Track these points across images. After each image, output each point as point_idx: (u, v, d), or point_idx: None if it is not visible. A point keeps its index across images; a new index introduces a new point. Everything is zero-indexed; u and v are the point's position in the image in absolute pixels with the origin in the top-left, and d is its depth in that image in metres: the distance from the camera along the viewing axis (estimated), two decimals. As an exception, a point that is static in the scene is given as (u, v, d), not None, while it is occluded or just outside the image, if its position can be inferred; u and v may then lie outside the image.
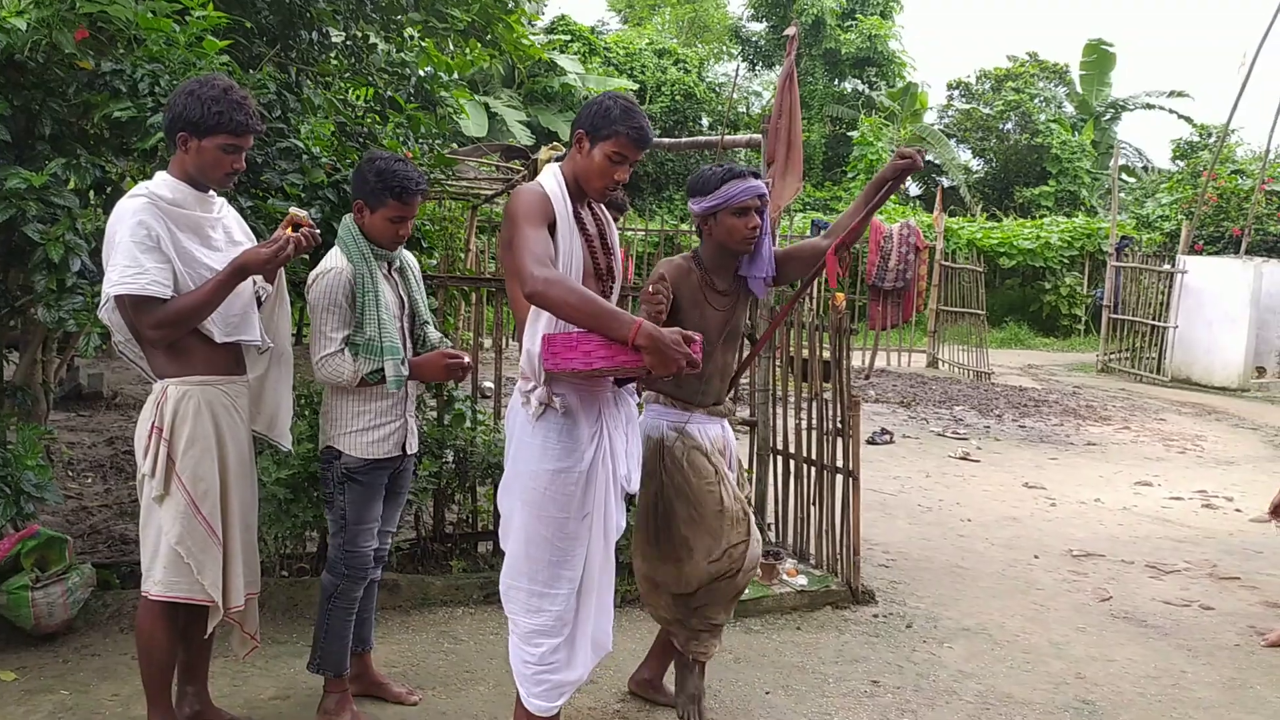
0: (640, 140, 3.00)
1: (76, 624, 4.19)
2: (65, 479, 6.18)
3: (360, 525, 3.49)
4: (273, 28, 5.35)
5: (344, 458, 3.44)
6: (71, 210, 3.73)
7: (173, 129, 3.07)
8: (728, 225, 3.48)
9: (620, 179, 3.04)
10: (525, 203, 2.93)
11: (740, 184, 3.45)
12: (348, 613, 3.54)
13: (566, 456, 3.01)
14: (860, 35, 28.05)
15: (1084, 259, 21.90)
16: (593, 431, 3.05)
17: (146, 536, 3.13)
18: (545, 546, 3.03)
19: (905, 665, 4.40)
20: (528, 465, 3.02)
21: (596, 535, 3.10)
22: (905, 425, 10.70)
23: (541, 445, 3.00)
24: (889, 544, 6.25)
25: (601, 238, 3.16)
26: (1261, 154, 18.03)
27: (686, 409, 3.57)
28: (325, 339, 3.38)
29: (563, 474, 3.00)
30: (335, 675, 3.55)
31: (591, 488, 3.05)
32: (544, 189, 3.00)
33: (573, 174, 3.07)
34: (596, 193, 3.08)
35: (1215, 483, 8.56)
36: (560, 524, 3.03)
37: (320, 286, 3.39)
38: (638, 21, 34.97)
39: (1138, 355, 16.10)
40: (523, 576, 3.07)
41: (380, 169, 3.39)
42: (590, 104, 3.04)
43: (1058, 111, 29.32)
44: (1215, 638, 4.92)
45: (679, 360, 2.69)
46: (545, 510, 3.02)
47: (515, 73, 23.10)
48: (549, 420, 3.00)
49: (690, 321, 3.46)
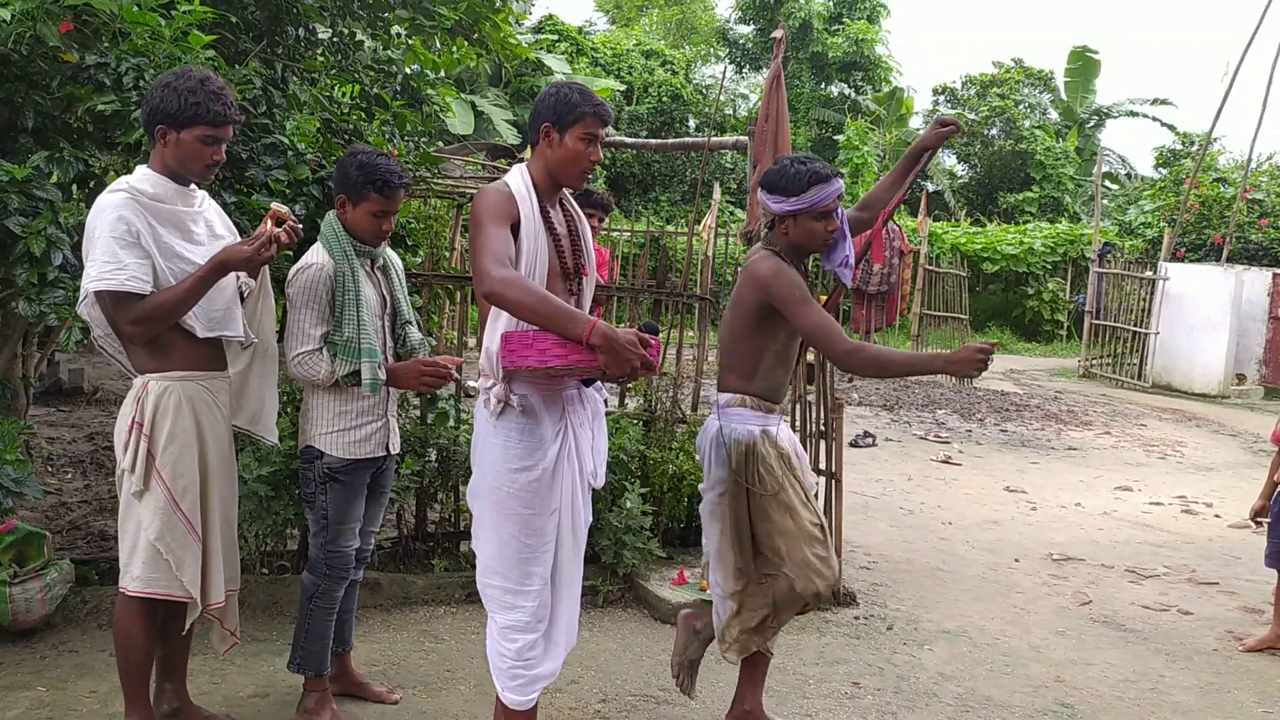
0: (605, 116, 3.01)
1: (54, 620, 4.16)
2: (44, 474, 6.14)
3: (342, 525, 3.48)
4: (259, 23, 5.32)
5: (326, 457, 3.42)
6: (54, 204, 3.70)
7: (151, 122, 3.05)
8: (809, 229, 3.39)
9: (596, 160, 3.04)
10: (488, 202, 2.93)
11: (826, 188, 3.34)
12: (328, 612, 3.53)
13: (529, 456, 2.99)
14: (847, 39, 28.11)
15: (1067, 265, 22.01)
16: (557, 429, 3.04)
17: (125, 532, 3.11)
18: (514, 544, 3.03)
19: (886, 667, 4.42)
20: (492, 466, 3.02)
21: (565, 532, 3.11)
22: (888, 428, 10.74)
23: (503, 445, 3.00)
24: (870, 546, 6.26)
25: (572, 236, 3.15)
26: (1243, 163, 18.17)
27: (770, 410, 3.49)
28: (303, 335, 3.36)
29: (525, 472, 2.99)
30: (315, 675, 3.54)
31: (557, 485, 3.04)
32: (509, 187, 2.99)
33: (544, 170, 3.05)
34: (575, 179, 3.07)
35: (1195, 488, 8.62)
36: (527, 521, 3.02)
37: (300, 282, 3.37)
38: (625, 22, 34.96)
39: (1119, 361, 16.19)
40: (496, 575, 3.07)
41: (362, 162, 3.38)
42: (543, 98, 3.03)
43: (1042, 118, 29.44)
44: (1194, 642, 4.95)
45: (633, 360, 2.70)
46: (512, 509, 3.01)
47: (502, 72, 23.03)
48: (509, 420, 2.99)
49: (788, 323, 3.38)
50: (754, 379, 3.47)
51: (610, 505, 4.88)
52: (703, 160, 7.02)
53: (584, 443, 3.13)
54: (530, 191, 3.00)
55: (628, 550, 4.87)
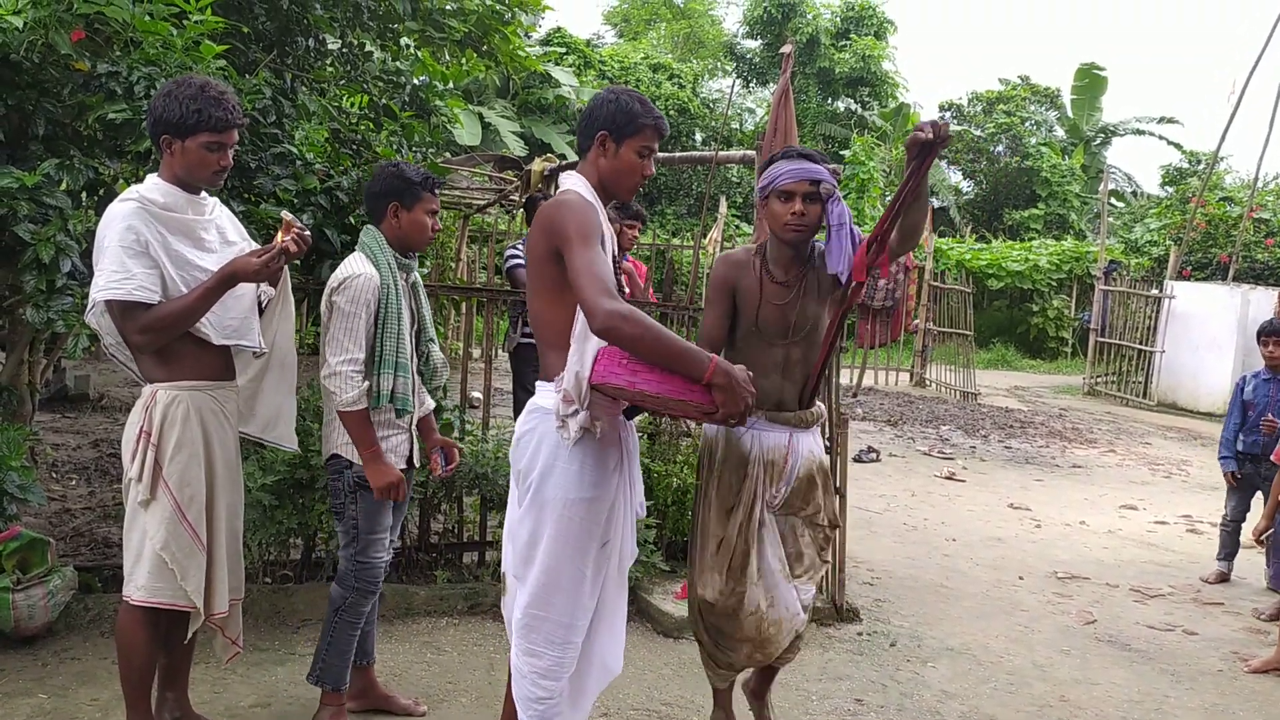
0: (664, 129, 2.89)
1: (57, 627, 4.15)
2: (49, 481, 6.14)
3: (373, 535, 3.47)
4: (269, 34, 5.35)
5: (355, 467, 3.41)
6: (63, 211, 3.71)
7: (155, 133, 3.05)
8: (773, 210, 3.28)
9: (649, 174, 2.92)
10: (581, 219, 2.70)
11: (785, 165, 3.22)
12: (354, 626, 3.50)
13: (601, 484, 2.81)
14: (854, 55, 28.17)
15: (1072, 282, 22.00)
16: (618, 458, 2.88)
17: (130, 540, 3.11)
18: (575, 578, 2.83)
19: (889, 684, 4.40)
20: (562, 493, 2.79)
21: (614, 563, 2.95)
22: (892, 444, 10.72)
23: (577, 471, 2.79)
24: (874, 562, 6.25)
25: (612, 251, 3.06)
26: (1250, 182, 18.17)
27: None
28: (342, 350, 3.32)
29: (595, 502, 2.81)
30: (334, 689, 3.51)
31: (615, 516, 2.88)
32: (586, 198, 2.79)
33: (598, 180, 2.89)
34: (628, 191, 2.93)
35: (1200, 508, 8.59)
36: (585, 553, 2.83)
37: (352, 291, 3.33)
38: (633, 36, 35.05)
39: (1124, 379, 16.16)
40: (551, 608, 2.83)
41: (403, 167, 3.47)
42: (603, 103, 2.86)
43: (1048, 135, 29.49)
44: (1198, 663, 4.93)
45: (747, 399, 2.53)
46: (577, 540, 2.81)
47: (510, 84, 23.11)
48: (585, 446, 2.78)
49: (746, 315, 3.33)
50: None
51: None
52: (709, 174, 7.03)
53: (636, 472, 3.01)
54: (598, 202, 2.85)
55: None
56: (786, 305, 3.36)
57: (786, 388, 3.42)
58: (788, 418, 3.41)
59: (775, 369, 3.39)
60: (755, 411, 3.28)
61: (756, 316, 3.34)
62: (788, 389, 3.43)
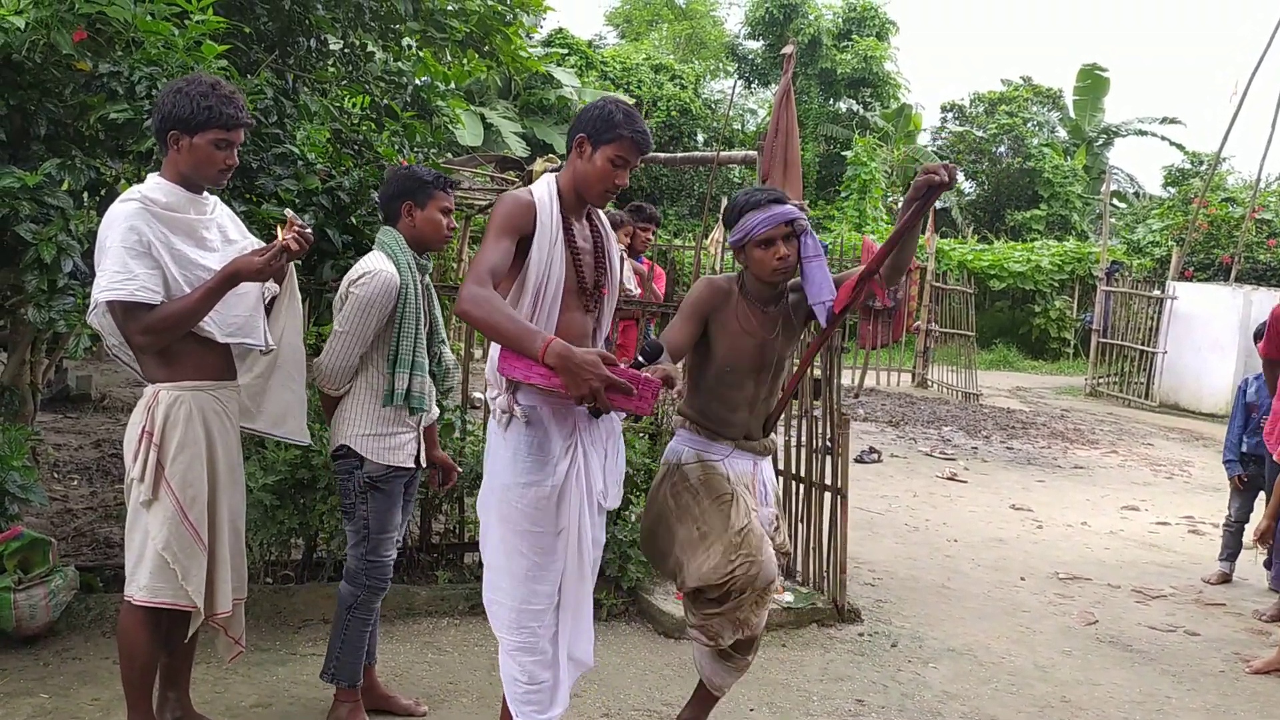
0: (643, 144, 2.93)
1: (58, 627, 4.15)
2: (51, 481, 6.15)
3: (383, 534, 3.49)
4: (271, 34, 5.36)
5: (366, 465, 3.42)
6: (65, 211, 3.72)
7: (163, 129, 3.05)
8: (755, 258, 3.30)
9: (620, 184, 2.97)
10: (500, 210, 2.88)
11: (757, 215, 3.25)
12: (365, 624, 3.53)
13: (538, 470, 2.92)
14: (856, 56, 28.15)
15: (1074, 283, 21.98)
16: (567, 445, 2.96)
17: (132, 540, 3.11)
18: (521, 560, 2.95)
19: (890, 685, 4.40)
20: (499, 478, 2.96)
21: (572, 552, 3.02)
22: (893, 444, 10.71)
23: (511, 457, 2.93)
24: (875, 563, 6.24)
25: (596, 253, 3.08)
26: (1252, 183, 18.17)
27: (714, 439, 3.40)
28: (343, 345, 3.36)
29: (533, 487, 2.92)
30: (349, 685, 3.53)
31: (565, 503, 2.96)
32: (531, 195, 2.93)
33: (571, 182, 2.99)
34: (597, 198, 2.99)
35: (1202, 509, 8.58)
36: (535, 538, 2.94)
37: (373, 286, 3.34)
38: (635, 36, 35.06)
39: (1126, 380, 16.15)
40: (503, 591, 2.99)
41: (416, 168, 3.50)
42: (589, 108, 2.95)
43: (1050, 136, 29.46)
44: (1200, 664, 4.92)
45: (590, 381, 2.58)
46: (519, 524, 2.94)
47: (512, 84, 23.13)
48: (518, 431, 2.93)
49: (721, 346, 3.33)
50: (695, 402, 3.43)
51: (615, 519, 4.87)
52: (711, 174, 7.04)
53: (594, 461, 3.05)
54: (553, 201, 2.94)
55: (632, 564, 4.86)
56: (765, 344, 3.37)
57: (753, 421, 3.47)
58: (753, 446, 3.47)
59: (745, 405, 3.42)
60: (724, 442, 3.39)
61: (733, 353, 3.33)
62: (754, 422, 3.47)
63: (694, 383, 3.44)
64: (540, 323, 2.89)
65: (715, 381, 3.38)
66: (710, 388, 3.40)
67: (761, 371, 3.40)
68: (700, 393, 3.42)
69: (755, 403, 3.44)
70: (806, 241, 3.29)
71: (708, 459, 3.39)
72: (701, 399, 3.41)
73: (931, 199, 3.03)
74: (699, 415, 3.42)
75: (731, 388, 3.38)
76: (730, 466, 3.40)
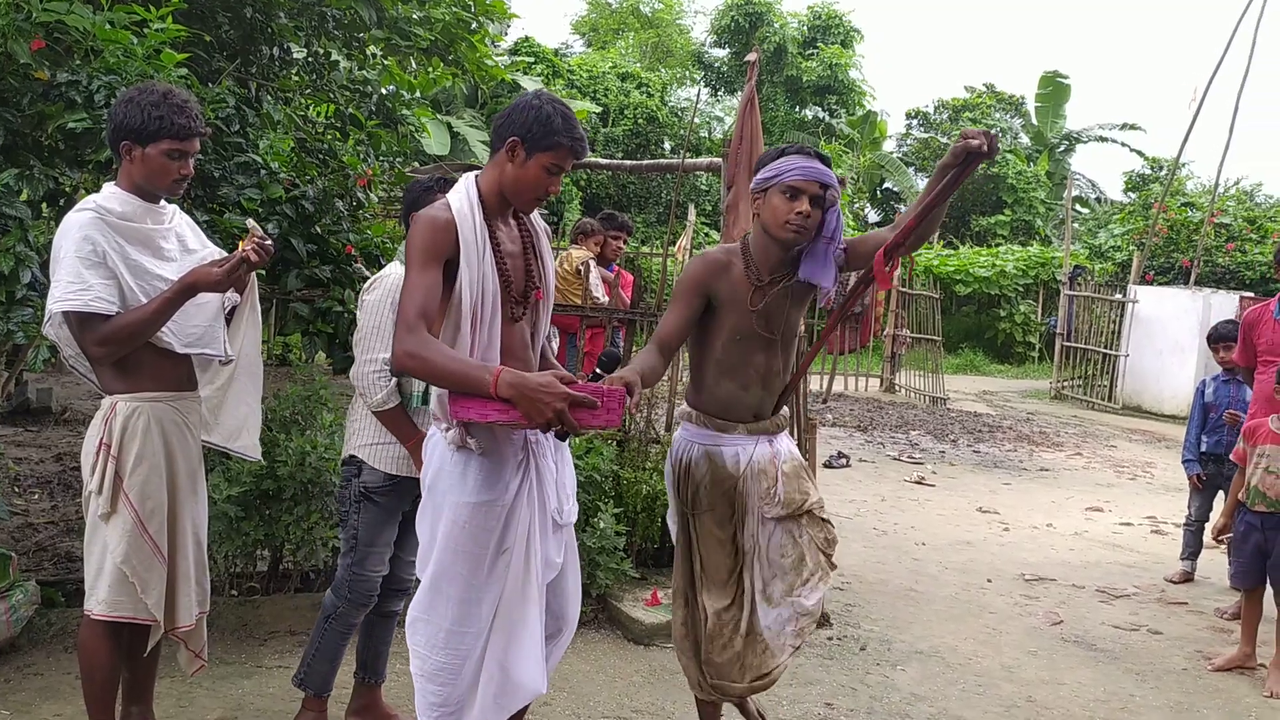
0: (580, 152, 2.74)
1: (19, 642, 4.09)
2: (11, 495, 6.06)
3: (371, 548, 3.41)
4: (233, 42, 5.32)
5: (363, 474, 3.38)
6: (23, 221, 3.67)
7: (116, 139, 3.01)
8: (774, 205, 3.08)
9: (553, 192, 2.77)
10: (416, 238, 2.66)
11: (798, 160, 3.05)
12: (343, 636, 3.46)
13: (489, 489, 2.73)
14: (821, 64, 28.35)
15: (1038, 287, 22.19)
16: (519, 460, 2.79)
17: (91, 554, 3.07)
18: (459, 583, 2.74)
19: (859, 688, 4.42)
20: (447, 496, 2.76)
21: (515, 573, 2.78)
22: (862, 449, 10.77)
23: (460, 475, 2.75)
24: (844, 567, 6.26)
25: (526, 255, 2.88)
26: (1211, 187, 18.42)
27: (723, 428, 3.24)
28: (368, 347, 3.30)
29: (485, 506, 2.73)
30: (315, 695, 3.49)
31: (514, 522, 2.77)
32: (448, 209, 2.70)
33: (497, 185, 2.77)
34: (525, 205, 2.82)
35: (1165, 509, 8.68)
36: (475, 559, 2.74)
37: (384, 287, 3.33)
38: (601, 45, 35.10)
39: (1090, 383, 16.33)
40: (434, 611, 2.77)
41: (425, 178, 3.48)
42: (523, 107, 2.71)
43: (1013, 142, 29.78)
44: (1163, 662, 4.98)
45: (552, 404, 2.45)
46: (462, 545, 2.73)
47: (478, 93, 23.08)
48: (470, 452, 2.75)
49: (729, 317, 3.18)
50: (701, 392, 3.29)
51: (583, 526, 4.86)
52: (677, 182, 7.05)
53: (546, 475, 2.88)
54: (473, 210, 2.72)
55: (601, 571, 4.85)
56: (773, 310, 3.21)
57: (765, 398, 3.31)
58: (765, 426, 3.31)
59: (757, 379, 3.27)
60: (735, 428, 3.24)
61: (742, 322, 3.18)
62: (766, 399, 3.32)
63: (701, 367, 3.28)
64: (483, 344, 2.72)
65: (724, 355, 3.23)
66: (719, 364, 3.24)
67: (772, 340, 3.25)
68: (708, 374, 3.26)
69: (768, 376, 3.28)
70: (830, 218, 3.14)
71: (717, 456, 3.25)
72: (710, 380, 3.26)
73: (970, 168, 2.81)
74: (707, 402, 3.26)
75: (742, 360, 3.23)
76: (743, 455, 3.24)
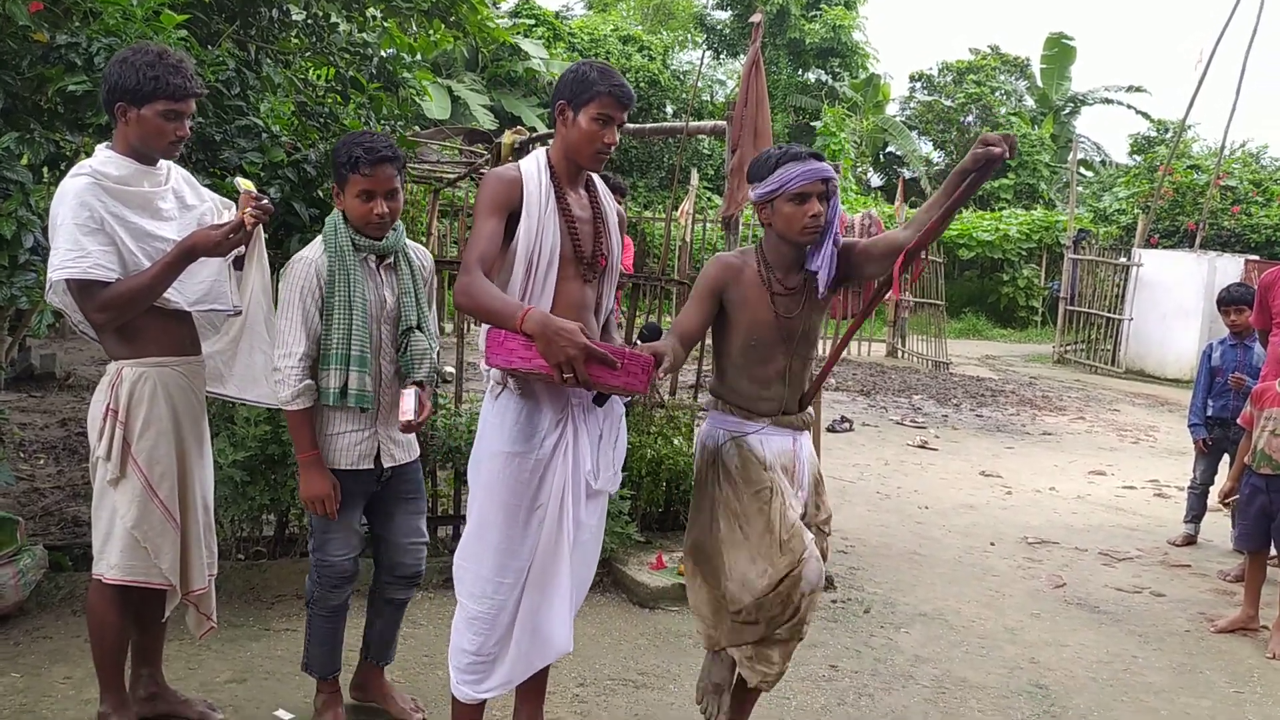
0: (623, 98, 2.85)
1: (28, 606, 4.12)
2: (17, 460, 6.08)
3: (327, 534, 3.32)
4: (232, 4, 5.27)
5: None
6: (25, 185, 3.66)
7: (110, 101, 2.96)
8: (785, 214, 3.07)
9: (610, 142, 2.87)
10: (484, 191, 2.85)
11: (797, 166, 3.05)
12: (327, 619, 3.39)
13: (524, 441, 2.87)
14: (824, 26, 28.12)
15: (1042, 251, 22.15)
16: (557, 419, 2.89)
17: (99, 518, 3.07)
18: (495, 532, 2.90)
19: (863, 650, 4.44)
20: (487, 445, 2.93)
21: (549, 530, 2.91)
22: (865, 413, 10.78)
23: (499, 425, 2.90)
24: (848, 530, 6.29)
25: (596, 223, 3.00)
26: (1216, 150, 18.31)
27: (748, 417, 3.22)
28: (283, 343, 3.15)
29: (519, 457, 2.87)
30: (322, 678, 3.45)
31: (549, 479, 2.89)
32: (518, 170, 2.89)
33: (562, 151, 2.93)
34: (589, 160, 2.92)
35: (1167, 472, 8.70)
36: (512, 511, 2.89)
37: (289, 278, 3.16)
38: (603, 7, 34.81)
39: (1093, 347, 16.32)
40: (473, 559, 2.95)
41: (340, 144, 3.18)
42: (564, 75, 2.90)
43: (1018, 105, 29.61)
44: (1166, 624, 5.00)
45: (567, 349, 2.54)
46: (498, 494, 2.89)
47: (479, 56, 22.91)
48: (508, 401, 2.89)
49: (743, 323, 3.16)
50: (724, 381, 3.28)
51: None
52: (680, 146, 7.01)
53: (585, 440, 2.96)
54: (543, 172, 2.90)
55: (606, 535, 4.84)
56: (794, 315, 3.18)
57: (789, 395, 3.28)
58: (790, 420, 3.28)
59: (777, 379, 3.24)
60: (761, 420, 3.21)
61: (758, 327, 3.17)
62: (790, 396, 3.29)
63: (721, 361, 3.29)
64: (535, 294, 2.85)
65: (742, 357, 3.22)
66: (739, 364, 3.23)
67: (789, 342, 3.21)
68: (729, 371, 3.26)
69: (788, 375, 3.25)
70: (834, 206, 3.14)
71: (744, 441, 3.22)
72: (731, 376, 3.25)
73: (988, 172, 2.83)
74: (730, 393, 3.26)
75: (760, 362, 3.21)
76: (768, 445, 3.23)
